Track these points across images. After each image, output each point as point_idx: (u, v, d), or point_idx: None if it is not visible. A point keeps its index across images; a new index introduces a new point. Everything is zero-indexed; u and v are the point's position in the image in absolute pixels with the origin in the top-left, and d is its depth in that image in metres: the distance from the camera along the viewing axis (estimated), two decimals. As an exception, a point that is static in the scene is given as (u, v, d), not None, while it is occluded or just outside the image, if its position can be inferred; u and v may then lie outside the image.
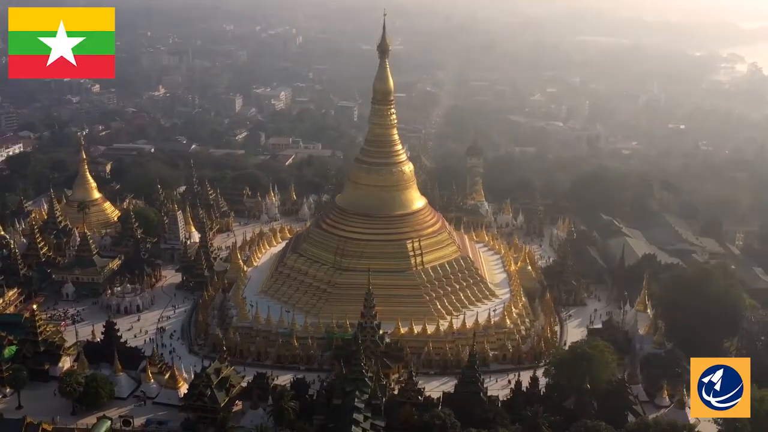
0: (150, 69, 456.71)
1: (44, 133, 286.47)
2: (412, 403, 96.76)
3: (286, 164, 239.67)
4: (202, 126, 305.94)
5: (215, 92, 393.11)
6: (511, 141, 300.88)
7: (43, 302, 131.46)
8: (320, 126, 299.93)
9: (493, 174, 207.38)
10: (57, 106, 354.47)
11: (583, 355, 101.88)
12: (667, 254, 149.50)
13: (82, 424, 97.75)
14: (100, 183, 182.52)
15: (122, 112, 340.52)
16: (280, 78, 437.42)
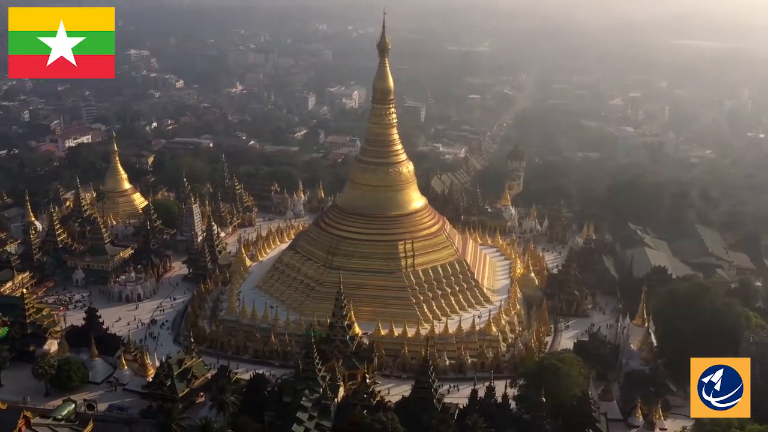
0: (235, 66, 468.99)
1: (115, 125, 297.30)
2: (364, 406, 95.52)
3: (338, 162, 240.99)
4: (267, 123, 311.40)
5: (292, 90, 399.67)
6: (577, 145, 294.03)
7: (52, 287, 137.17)
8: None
9: (534, 178, 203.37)
10: (138, 101, 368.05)
11: (549, 367, 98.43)
12: (689, 268, 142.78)
13: (50, 406, 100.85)
14: (140, 175, 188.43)
15: (196, 107, 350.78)
16: (360, 77, 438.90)
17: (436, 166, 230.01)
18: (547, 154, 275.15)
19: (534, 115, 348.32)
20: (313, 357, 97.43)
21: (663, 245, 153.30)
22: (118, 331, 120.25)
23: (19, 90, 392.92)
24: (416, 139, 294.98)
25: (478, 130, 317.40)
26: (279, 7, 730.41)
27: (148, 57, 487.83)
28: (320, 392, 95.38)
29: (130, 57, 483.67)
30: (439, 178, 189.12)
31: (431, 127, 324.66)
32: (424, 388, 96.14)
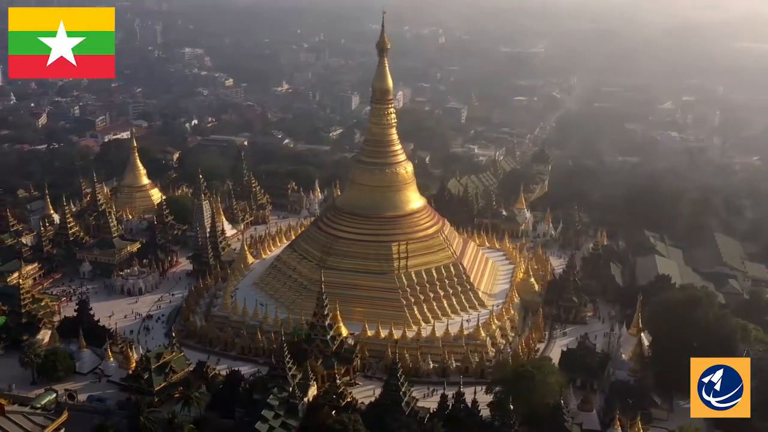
0: (285, 65, 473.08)
1: (156, 122, 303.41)
2: (332, 406, 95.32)
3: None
4: (305, 122, 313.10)
5: (338, 89, 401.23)
6: (617, 149, 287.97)
7: (60, 278, 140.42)
8: (418, 126, 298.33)
9: (562, 182, 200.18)
10: (185, 98, 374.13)
11: (523, 374, 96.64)
12: (700, 277, 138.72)
13: (34, 394, 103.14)
14: (163, 170, 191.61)
15: (239, 105, 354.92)
16: (409, 77, 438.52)
17: (466, 167, 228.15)
18: (584, 158, 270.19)
19: (577, 118, 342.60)
20: (283, 355, 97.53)
21: (677, 253, 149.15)
22: (114, 323, 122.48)
23: (74, 86, 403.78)
24: (453, 141, 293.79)
25: (517, 133, 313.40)
26: (337, 8, 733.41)
27: (201, 55, 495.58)
28: (289, 391, 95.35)
29: (184, 55, 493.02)
30: (458, 180, 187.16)
31: (471, 129, 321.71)
32: (393, 390, 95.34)
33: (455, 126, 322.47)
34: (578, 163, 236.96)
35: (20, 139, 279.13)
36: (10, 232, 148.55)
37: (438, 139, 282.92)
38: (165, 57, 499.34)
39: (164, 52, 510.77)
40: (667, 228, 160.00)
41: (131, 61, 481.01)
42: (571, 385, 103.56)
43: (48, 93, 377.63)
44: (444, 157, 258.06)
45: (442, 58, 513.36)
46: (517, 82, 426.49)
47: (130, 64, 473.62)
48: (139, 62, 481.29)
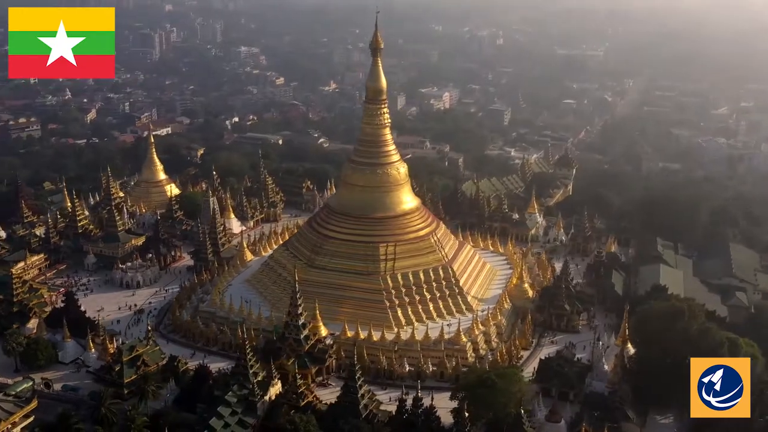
0: (338, 65, 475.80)
1: (198, 119, 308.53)
2: (291, 406, 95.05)
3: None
4: (345, 121, 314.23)
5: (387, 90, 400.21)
6: (660, 155, 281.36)
7: (64, 270, 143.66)
8: (457, 128, 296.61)
9: (584, 187, 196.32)
10: (234, 96, 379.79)
11: (485, 381, 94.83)
12: (707, 289, 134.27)
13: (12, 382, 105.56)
14: (187, 166, 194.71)
15: (284, 104, 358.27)
16: (460, 79, 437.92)
17: (499, 170, 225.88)
18: (623, 163, 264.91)
19: (624, 122, 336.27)
20: (245, 352, 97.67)
21: (687, 263, 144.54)
22: (98, 315, 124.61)
23: (129, 83, 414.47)
24: (492, 143, 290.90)
25: (560, 136, 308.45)
26: (399, 7, 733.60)
27: (257, 54, 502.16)
28: (250, 389, 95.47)
29: (240, 54, 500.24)
30: (474, 182, 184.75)
31: (513, 131, 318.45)
32: (351, 392, 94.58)
33: (497, 128, 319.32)
34: (608, 168, 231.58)
35: (66, 134, 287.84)
36: (23, 223, 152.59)
37: (475, 141, 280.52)
38: (222, 55, 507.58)
39: (222, 51, 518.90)
40: (683, 237, 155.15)
41: (189, 59, 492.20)
42: (540, 395, 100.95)
43: (102, 89, 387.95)
44: (478, 159, 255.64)
45: (497, 59, 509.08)
46: (570, 85, 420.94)
47: (188, 61, 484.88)
48: (197, 60, 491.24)
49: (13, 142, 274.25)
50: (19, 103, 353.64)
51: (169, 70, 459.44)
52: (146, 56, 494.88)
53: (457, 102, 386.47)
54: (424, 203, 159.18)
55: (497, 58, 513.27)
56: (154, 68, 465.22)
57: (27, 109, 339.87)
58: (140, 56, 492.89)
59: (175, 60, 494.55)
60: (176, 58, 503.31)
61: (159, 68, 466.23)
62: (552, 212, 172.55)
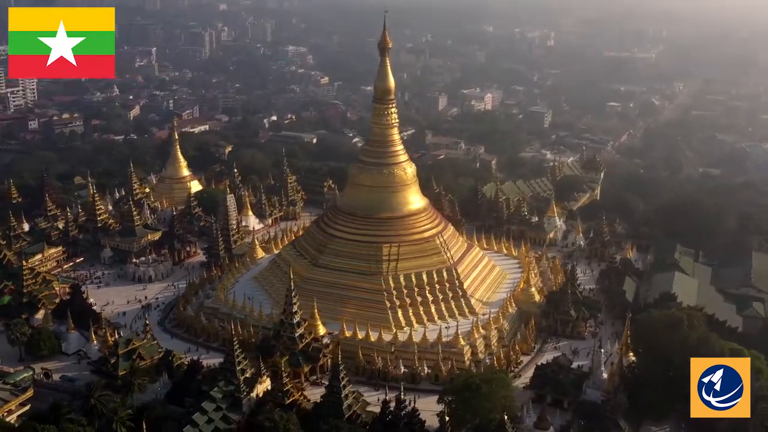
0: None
1: (237, 117, 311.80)
2: (276, 404, 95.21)
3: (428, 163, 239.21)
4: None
5: (428, 90, 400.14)
6: (702, 161, 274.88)
7: (81, 263, 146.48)
8: (493, 129, 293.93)
9: (612, 192, 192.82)
10: (277, 95, 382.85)
11: (470, 386, 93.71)
12: (722, 298, 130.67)
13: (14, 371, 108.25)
14: (213, 163, 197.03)
15: (323, 103, 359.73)
16: (505, 80, 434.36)
17: (531, 172, 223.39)
18: (663, 168, 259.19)
19: (668, 126, 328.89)
20: (233, 349, 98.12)
21: (705, 271, 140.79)
22: (115, 308, 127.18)
23: (177, 80, 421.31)
24: (529, 145, 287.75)
25: (600, 139, 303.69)
26: (451, 8, 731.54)
27: (304, 54, 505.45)
28: (236, 385, 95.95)
29: (287, 53, 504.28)
30: (497, 184, 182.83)
31: (552, 134, 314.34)
32: (334, 392, 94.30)
33: (536, 130, 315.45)
34: (643, 172, 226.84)
35: (109, 130, 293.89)
36: (46, 216, 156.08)
37: (511, 143, 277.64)
38: (270, 54, 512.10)
39: (270, 50, 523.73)
40: (705, 244, 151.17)
41: (237, 58, 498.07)
42: (531, 401, 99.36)
43: (149, 86, 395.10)
44: (511, 161, 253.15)
45: (545, 61, 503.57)
46: (617, 88, 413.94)
47: (236, 60, 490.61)
48: (245, 59, 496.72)
49: (56, 137, 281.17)
50: (68, 99, 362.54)
51: (218, 69, 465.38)
52: (195, 55, 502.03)
53: (499, 103, 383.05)
54: (441, 204, 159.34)
55: (545, 60, 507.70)
56: (202, 66, 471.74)
57: (75, 105, 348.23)
58: (189, 54, 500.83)
59: (223, 58, 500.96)
60: (225, 56, 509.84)
61: (207, 66, 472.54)
62: (574, 216, 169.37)
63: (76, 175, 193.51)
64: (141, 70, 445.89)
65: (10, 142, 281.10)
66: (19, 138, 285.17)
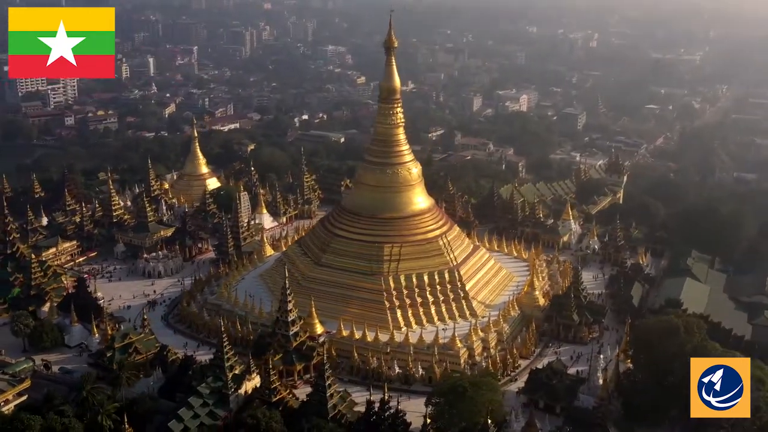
0: (422, 65, 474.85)
1: (269, 116, 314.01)
2: (263, 401, 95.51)
3: (454, 164, 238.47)
4: (411, 122, 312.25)
5: (464, 91, 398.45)
6: (738, 165, 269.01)
7: (94, 257, 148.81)
8: (524, 131, 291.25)
9: (635, 195, 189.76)
10: (312, 93, 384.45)
11: (456, 389, 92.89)
12: (733, 305, 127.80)
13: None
14: (232, 161, 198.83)
15: (356, 102, 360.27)
16: (543, 81, 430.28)
17: (558, 175, 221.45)
18: (696, 172, 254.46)
19: (706, 129, 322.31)
20: (222, 345, 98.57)
21: (719, 278, 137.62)
22: (122, 302, 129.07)
23: (215, 79, 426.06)
24: (560, 147, 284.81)
25: (634, 142, 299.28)
26: (495, 9, 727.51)
27: (343, 53, 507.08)
28: (224, 381, 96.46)
29: (326, 53, 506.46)
30: (515, 186, 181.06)
31: (585, 136, 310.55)
32: (320, 391, 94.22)
33: (568, 132, 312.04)
34: (672, 177, 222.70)
35: (143, 126, 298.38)
36: (65, 211, 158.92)
37: (541, 145, 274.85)
38: (309, 54, 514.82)
39: (310, 49, 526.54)
40: (723, 250, 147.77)
41: (277, 57, 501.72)
42: (521, 406, 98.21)
43: (187, 85, 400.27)
44: (539, 163, 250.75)
45: (586, 62, 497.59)
46: (657, 90, 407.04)
47: (275, 59, 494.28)
48: (285, 58, 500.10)
49: (90, 133, 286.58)
50: (107, 96, 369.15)
51: (257, 68, 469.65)
52: (236, 53, 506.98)
53: (535, 105, 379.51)
54: (453, 205, 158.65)
55: (586, 61, 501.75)
56: (242, 65, 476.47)
57: (113, 102, 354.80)
58: (230, 53, 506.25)
59: (263, 57, 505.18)
60: (265, 55, 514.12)
61: (247, 65, 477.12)
62: (592, 219, 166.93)
63: (101, 171, 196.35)
64: (181, 69, 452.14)
65: (46, 138, 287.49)
66: (54, 134, 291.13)
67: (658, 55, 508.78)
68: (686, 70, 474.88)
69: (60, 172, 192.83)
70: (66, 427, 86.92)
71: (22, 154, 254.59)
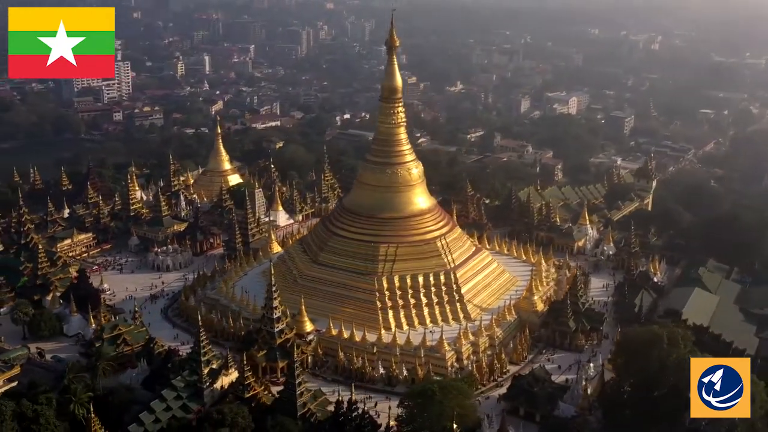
0: (475, 66, 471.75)
1: (311, 114, 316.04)
2: (236, 396, 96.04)
3: (489, 165, 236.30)
4: (454, 122, 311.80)
5: (515, 92, 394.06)
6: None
7: (108, 249, 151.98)
8: (565, 133, 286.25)
9: (665, 201, 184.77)
10: (359, 93, 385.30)
11: (425, 392, 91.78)
12: (744, 318, 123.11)
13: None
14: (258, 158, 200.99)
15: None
16: (598, 83, 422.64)
17: (594, 178, 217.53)
18: (740, 179, 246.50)
19: (761, 135, 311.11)
20: (200, 340, 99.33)
21: (732, 289, 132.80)
22: (127, 294, 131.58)
23: (268, 78, 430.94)
24: (600, 150, 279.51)
25: (681, 147, 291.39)
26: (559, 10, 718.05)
27: (398, 53, 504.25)
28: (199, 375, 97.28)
29: (381, 52, 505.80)
30: (537, 189, 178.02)
31: (632, 140, 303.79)
32: (289, 390, 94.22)
33: (614, 135, 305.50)
34: (708, 183, 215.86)
35: (188, 123, 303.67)
36: (86, 204, 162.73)
37: (581, 148, 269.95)
38: (364, 53, 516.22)
39: (365, 49, 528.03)
40: (744, 261, 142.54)
41: (332, 56, 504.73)
42: (495, 413, 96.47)
43: (239, 82, 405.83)
44: (577, 166, 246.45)
45: (645, 65, 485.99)
46: (715, 94, 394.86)
47: (330, 59, 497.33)
48: (339, 58, 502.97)
49: (135, 129, 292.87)
50: (159, 92, 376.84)
51: (311, 66, 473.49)
52: (291, 53, 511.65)
53: (585, 107, 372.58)
54: (467, 207, 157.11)
55: (645, 64, 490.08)
56: (296, 64, 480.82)
57: (164, 98, 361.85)
58: (285, 52, 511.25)
59: (318, 57, 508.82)
60: (320, 54, 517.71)
61: (301, 64, 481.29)
62: (612, 225, 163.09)
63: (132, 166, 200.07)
64: (236, 67, 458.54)
65: (92, 133, 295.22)
66: (102, 129, 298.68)
67: (721, 59, 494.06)
68: (749, 74, 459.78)
69: (97, 165, 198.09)
70: (37, 413, 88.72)
71: (68, 147, 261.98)
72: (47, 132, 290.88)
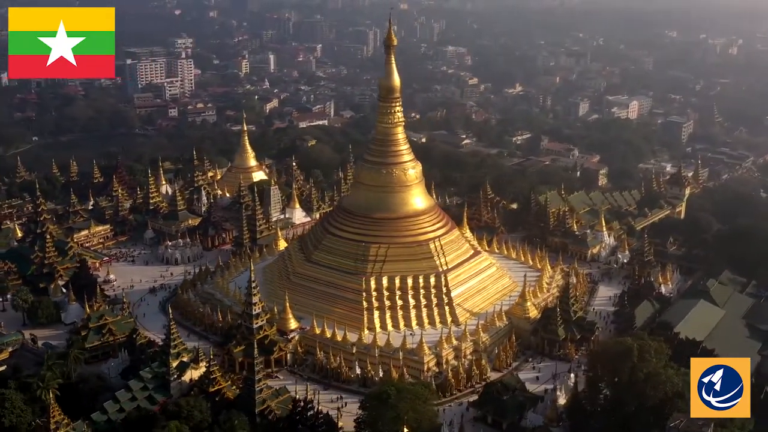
0: (540, 67, 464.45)
1: (360, 114, 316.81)
2: (201, 390, 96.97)
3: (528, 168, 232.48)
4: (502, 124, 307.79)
5: (575, 95, 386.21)
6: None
7: (124, 241, 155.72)
8: (616, 138, 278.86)
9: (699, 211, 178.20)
10: (417, 94, 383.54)
11: (381, 395, 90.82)
12: (749, 333, 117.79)
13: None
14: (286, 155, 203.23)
15: (457, 103, 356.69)
16: (665, 87, 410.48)
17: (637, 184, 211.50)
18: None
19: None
20: (171, 333, 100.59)
21: (743, 303, 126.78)
22: (131, 285, 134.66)
23: (331, 77, 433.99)
24: (651, 156, 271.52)
25: (739, 155, 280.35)
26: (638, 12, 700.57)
27: (463, 54, 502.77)
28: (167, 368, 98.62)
29: (446, 53, 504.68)
30: (562, 194, 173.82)
31: (689, 146, 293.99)
32: (248, 386, 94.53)
33: (668, 141, 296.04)
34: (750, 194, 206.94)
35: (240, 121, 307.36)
36: (111, 196, 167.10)
37: (630, 153, 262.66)
38: (430, 54, 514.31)
39: (432, 50, 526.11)
40: (762, 274, 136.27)
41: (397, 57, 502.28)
42: (455, 420, 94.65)
43: (299, 81, 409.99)
44: (622, 172, 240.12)
45: (719, 69, 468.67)
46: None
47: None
48: (404, 58, 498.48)
49: (187, 125, 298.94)
50: (220, 90, 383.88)
51: (375, 66, 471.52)
52: (357, 52, 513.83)
53: (647, 112, 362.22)
54: (480, 210, 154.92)
55: (719, 68, 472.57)
56: (360, 64, 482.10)
57: (224, 96, 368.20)
58: (351, 52, 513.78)
59: (382, 57, 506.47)
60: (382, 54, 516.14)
61: (365, 64, 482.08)
62: (634, 232, 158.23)
63: (166, 161, 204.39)
64: (300, 66, 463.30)
65: (146, 128, 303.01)
66: (156, 124, 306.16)
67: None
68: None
69: (134, 159, 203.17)
70: (3, 397, 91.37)
71: (120, 142, 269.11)
72: (103, 126, 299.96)
